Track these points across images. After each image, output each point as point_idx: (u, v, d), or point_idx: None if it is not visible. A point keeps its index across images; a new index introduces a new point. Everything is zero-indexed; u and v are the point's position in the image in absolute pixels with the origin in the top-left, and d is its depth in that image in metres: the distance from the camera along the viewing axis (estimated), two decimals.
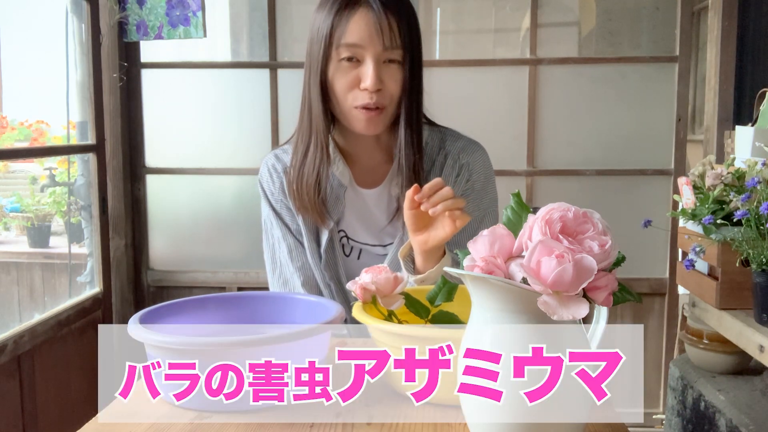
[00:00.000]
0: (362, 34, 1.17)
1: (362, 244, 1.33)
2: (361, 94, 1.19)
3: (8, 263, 3.08)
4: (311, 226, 1.32)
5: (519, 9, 2.70)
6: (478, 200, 1.32)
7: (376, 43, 1.17)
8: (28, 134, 3.39)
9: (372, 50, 1.17)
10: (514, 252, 0.68)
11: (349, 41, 1.17)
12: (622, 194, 2.71)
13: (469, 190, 1.32)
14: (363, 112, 1.20)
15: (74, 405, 2.35)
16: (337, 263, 1.32)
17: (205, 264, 2.85)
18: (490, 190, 1.34)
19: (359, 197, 1.32)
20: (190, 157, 2.82)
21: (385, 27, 1.17)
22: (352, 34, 1.17)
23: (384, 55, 1.18)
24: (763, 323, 1.19)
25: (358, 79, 1.19)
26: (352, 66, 1.19)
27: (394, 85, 1.21)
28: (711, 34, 2.48)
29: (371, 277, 0.94)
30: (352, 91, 1.20)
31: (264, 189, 1.35)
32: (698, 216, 1.28)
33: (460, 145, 1.33)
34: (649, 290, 2.71)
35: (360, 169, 1.32)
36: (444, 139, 1.34)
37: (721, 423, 1.40)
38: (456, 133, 1.36)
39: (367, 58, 1.18)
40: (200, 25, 2.55)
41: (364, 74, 1.18)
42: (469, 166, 1.32)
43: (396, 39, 1.18)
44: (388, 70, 1.20)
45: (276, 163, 1.34)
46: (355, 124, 1.23)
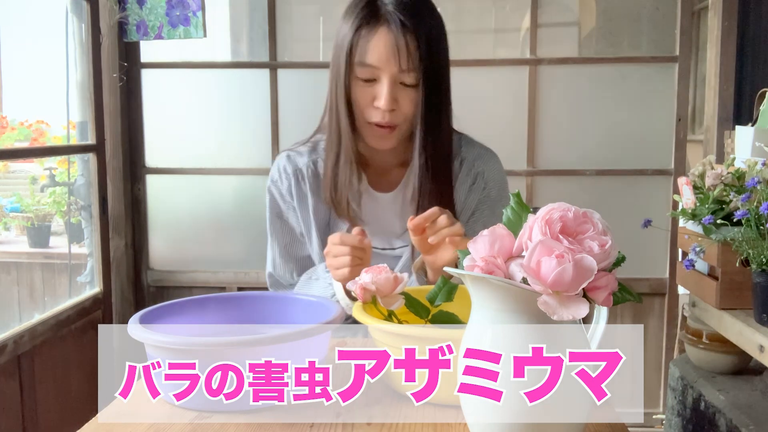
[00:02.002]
0: (379, 55, 1.17)
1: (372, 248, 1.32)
2: (376, 111, 1.21)
3: (8, 263, 3.08)
4: (323, 226, 1.32)
5: (519, 9, 2.70)
6: (493, 208, 1.34)
7: (392, 65, 1.17)
8: (28, 134, 3.38)
9: (388, 71, 1.18)
10: (514, 252, 0.68)
11: (366, 61, 1.18)
12: (622, 194, 2.71)
13: (485, 197, 1.34)
14: (376, 129, 1.22)
15: (74, 405, 2.35)
16: None
17: (205, 264, 2.85)
18: (504, 198, 1.35)
19: (373, 201, 1.33)
20: (190, 157, 2.83)
21: (403, 49, 1.17)
22: (370, 54, 1.18)
23: (400, 76, 1.19)
24: (763, 323, 1.19)
25: (373, 97, 1.20)
26: (369, 84, 1.20)
27: (408, 105, 1.21)
28: (711, 34, 2.48)
29: (371, 277, 0.94)
30: (368, 107, 1.21)
31: (272, 191, 1.36)
32: (698, 216, 1.28)
33: (476, 153, 1.35)
34: (649, 290, 2.71)
35: (375, 172, 1.34)
36: (459, 145, 1.35)
37: (721, 423, 1.40)
38: (471, 139, 1.38)
39: (383, 78, 1.19)
40: (200, 25, 2.55)
41: (378, 93, 1.19)
42: (484, 174, 1.34)
43: (413, 61, 1.18)
44: (404, 91, 1.20)
45: (287, 164, 1.35)
46: (369, 138, 1.25)
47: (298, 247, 1.37)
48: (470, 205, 1.34)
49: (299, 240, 1.37)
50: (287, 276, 1.38)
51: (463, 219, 1.33)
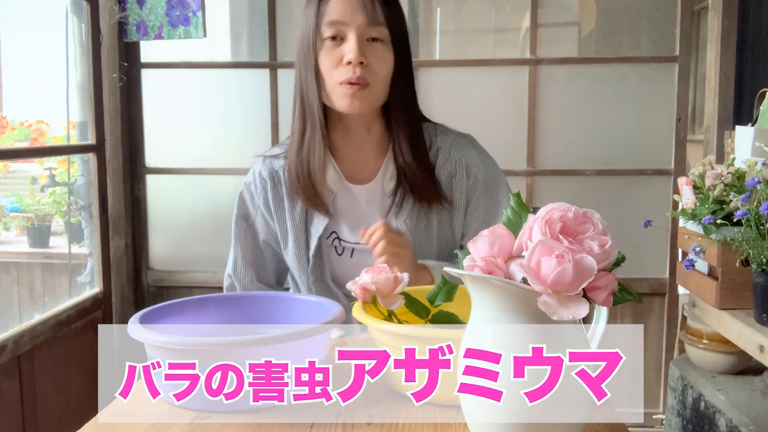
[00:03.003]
0: (344, 9, 1.19)
1: (354, 243, 1.31)
2: (345, 69, 1.20)
3: (8, 263, 3.08)
4: (301, 228, 1.30)
5: (519, 9, 2.70)
6: (488, 189, 1.32)
7: (358, 17, 1.19)
8: (28, 134, 3.39)
9: (354, 25, 1.19)
10: (514, 252, 0.68)
11: (331, 18, 1.20)
12: (622, 194, 2.71)
13: (474, 184, 1.31)
14: (347, 87, 1.21)
15: (74, 405, 2.35)
16: (324, 268, 1.30)
17: (205, 264, 2.84)
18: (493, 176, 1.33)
19: (349, 194, 1.30)
20: (190, 157, 2.82)
21: (367, 2, 1.19)
22: (334, 11, 1.20)
23: (367, 31, 1.20)
24: (763, 323, 1.19)
25: (342, 56, 1.20)
26: (337, 44, 1.21)
27: (378, 62, 1.21)
28: (711, 34, 2.48)
29: (371, 277, 0.94)
30: (337, 68, 1.21)
31: (243, 194, 1.35)
32: (698, 216, 1.28)
33: (450, 141, 1.32)
34: (649, 290, 2.71)
35: (350, 164, 1.31)
36: (435, 134, 1.33)
37: (721, 423, 1.40)
38: (445, 128, 1.36)
39: (349, 33, 1.20)
40: (200, 25, 2.55)
41: (346, 48, 1.20)
42: (463, 162, 1.31)
43: (378, 15, 1.20)
44: (373, 48, 1.21)
45: (263, 168, 1.34)
46: (340, 101, 1.23)
47: (258, 253, 1.36)
48: (460, 198, 1.31)
49: (260, 247, 1.35)
50: (246, 280, 1.36)
51: (459, 214, 1.31)
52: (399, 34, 1.24)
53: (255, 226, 1.35)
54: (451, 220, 1.31)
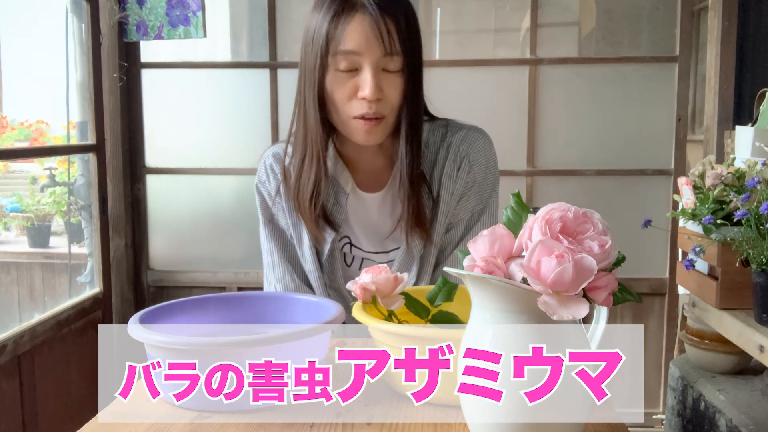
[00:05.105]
0: (359, 40, 1.10)
1: (365, 252, 1.29)
2: (360, 103, 1.13)
3: (8, 263, 3.08)
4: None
5: (519, 9, 2.70)
6: (480, 191, 1.29)
7: (375, 49, 1.11)
8: (28, 134, 3.39)
9: (370, 58, 1.11)
10: (514, 252, 0.68)
11: (346, 49, 1.11)
12: (622, 194, 2.71)
13: (471, 181, 1.28)
14: (362, 122, 1.15)
15: (74, 405, 2.35)
16: (336, 272, 1.29)
17: (205, 264, 2.85)
18: (490, 178, 1.30)
19: (361, 202, 1.29)
20: (190, 157, 2.83)
21: (384, 32, 1.11)
22: (349, 41, 1.11)
23: (383, 62, 1.13)
24: (763, 323, 1.19)
25: (356, 88, 1.13)
26: (350, 75, 1.14)
27: (393, 93, 1.15)
28: (711, 34, 2.48)
29: (371, 277, 0.94)
30: (351, 101, 1.15)
31: (261, 192, 1.32)
32: (698, 216, 1.28)
33: (461, 136, 1.29)
34: (649, 290, 2.71)
35: (362, 173, 1.29)
36: (446, 132, 1.30)
37: (721, 423, 1.40)
38: (458, 123, 1.32)
39: (364, 65, 1.11)
40: (200, 25, 2.55)
41: (362, 83, 1.12)
42: (469, 157, 1.27)
43: (395, 45, 1.12)
44: (388, 78, 1.14)
45: (274, 163, 1.30)
46: (355, 134, 1.18)
47: (292, 249, 1.32)
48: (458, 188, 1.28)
49: (291, 242, 1.32)
50: (287, 278, 1.31)
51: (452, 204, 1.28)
52: (414, 59, 1.17)
53: (279, 225, 1.32)
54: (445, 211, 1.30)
